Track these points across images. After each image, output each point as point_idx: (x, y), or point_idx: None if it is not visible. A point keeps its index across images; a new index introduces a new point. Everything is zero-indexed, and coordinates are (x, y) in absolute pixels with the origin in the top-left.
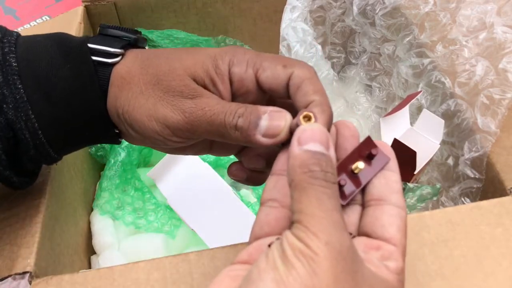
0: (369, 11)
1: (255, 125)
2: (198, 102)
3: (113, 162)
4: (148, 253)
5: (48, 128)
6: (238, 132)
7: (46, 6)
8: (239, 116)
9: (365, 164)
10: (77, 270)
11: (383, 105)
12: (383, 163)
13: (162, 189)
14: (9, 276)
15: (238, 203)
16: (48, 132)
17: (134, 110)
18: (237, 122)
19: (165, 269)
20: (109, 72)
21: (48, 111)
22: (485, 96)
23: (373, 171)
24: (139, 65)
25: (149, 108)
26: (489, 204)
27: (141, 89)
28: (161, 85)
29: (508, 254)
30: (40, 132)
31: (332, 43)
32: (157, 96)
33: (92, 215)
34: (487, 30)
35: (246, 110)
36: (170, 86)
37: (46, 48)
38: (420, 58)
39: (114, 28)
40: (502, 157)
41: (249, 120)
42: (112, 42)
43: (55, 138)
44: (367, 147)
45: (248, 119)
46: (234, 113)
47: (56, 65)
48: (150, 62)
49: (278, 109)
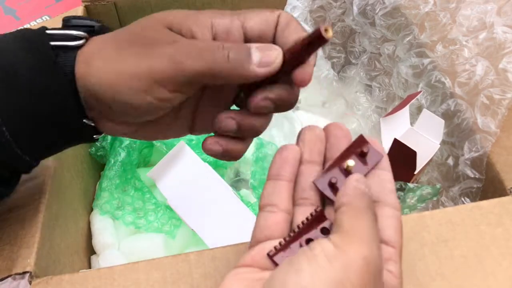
0: (369, 11)
1: (248, 55)
2: (182, 44)
3: (113, 162)
4: (148, 253)
5: (11, 121)
6: (231, 65)
7: (46, 6)
8: (228, 49)
9: (358, 162)
10: (77, 270)
11: (383, 105)
12: (376, 161)
13: (162, 189)
14: (9, 276)
15: (238, 203)
16: (12, 126)
17: (112, 77)
18: (228, 54)
19: (165, 269)
20: (73, 55)
21: (10, 103)
22: (485, 96)
23: (366, 169)
24: (108, 38)
25: (129, 67)
26: (489, 204)
27: (115, 53)
28: (138, 40)
29: (508, 254)
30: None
31: (332, 43)
32: (135, 52)
33: (92, 215)
34: (487, 30)
35: (234, 44)
36: (147, 37)
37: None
38: (420, 58)
39: (78, 19)
40: (502, 157)
41: (241, 51)
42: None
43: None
44: (360, 145)
45: (239, 50)
46: (223, 47)
47: (19, 56)
48: (120, 31)
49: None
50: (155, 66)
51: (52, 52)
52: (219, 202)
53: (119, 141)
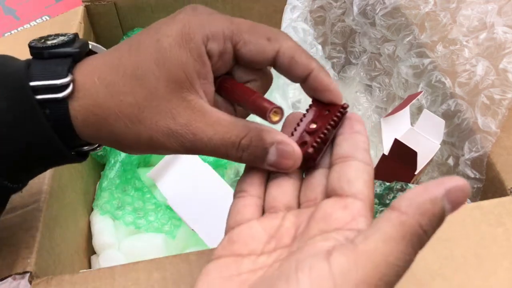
0: (369, 11)
1: (262, 160)
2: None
3: (113, 162)
4: (148, 253)
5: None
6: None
7: (46, 6)
8: (243, 150)
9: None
10: (77, 270)
11: (383, 105)
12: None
13: (162, 189)
14: (9, 276)
15: None
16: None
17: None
18: (241, 156)
19: (165, 269)
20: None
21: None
22: (486, 96)
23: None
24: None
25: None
26: (490, 204)
27: (125, 124)
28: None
29: (508, 254)
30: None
31: (332, 43)
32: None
33: (92, 215)
34: (488, 30)
35: (252, 142)
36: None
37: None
38: (420, 58)
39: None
40: (502, 157)
41: (255, 155)
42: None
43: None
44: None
45: (254, 153)
46: (238, 146)
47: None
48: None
49: (286, 142)
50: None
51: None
52: (219, 202)
53: None
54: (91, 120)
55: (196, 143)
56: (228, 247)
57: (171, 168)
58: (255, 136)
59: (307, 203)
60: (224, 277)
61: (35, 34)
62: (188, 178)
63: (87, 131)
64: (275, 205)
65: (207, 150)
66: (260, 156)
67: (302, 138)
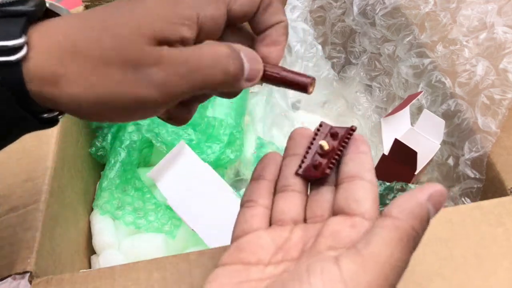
0: (369, 11)
1: (242, 69)
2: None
3: (113, 162)
4: (148, 253)
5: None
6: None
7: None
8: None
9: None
10: (77, 270)
11: (383, 105)
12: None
13: (162, 189)
14: (9, 276)
15: (238, 203)
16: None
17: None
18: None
19: (165, 269)
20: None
21: None
22: (486, 96)
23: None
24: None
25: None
26: (490, 204)
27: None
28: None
29: (508, 254)
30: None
31: (332, 43)
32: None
33: (92, 215)
34: (488, 30)
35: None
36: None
37: None
38: (420, 58)
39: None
40: (502, 157)
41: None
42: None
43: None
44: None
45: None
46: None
47: None
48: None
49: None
50: (142, 95)
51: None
52: (219, 202)
53: (119, 141)
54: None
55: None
56: (236, 254)
57: (171, 168)
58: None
59: (314, 219)
60: (234, 282)
61: None
62: (188, 178)
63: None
64: (283, 218)
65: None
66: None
67: (314, 161)
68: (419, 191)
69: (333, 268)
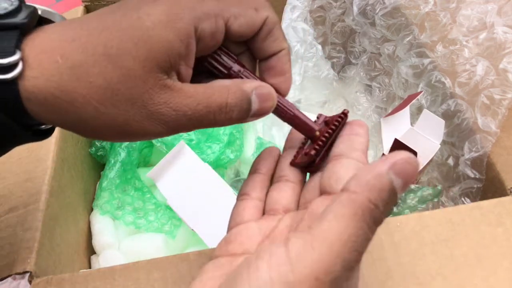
0: (369, 11)
1: (248, 112)
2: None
3: (113, 162)
4: (148, 253)
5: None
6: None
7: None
8: (232, 110)
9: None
10: (77, 270)
11: (383, 105)
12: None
13: (162, 189)
14: (9, 276)
15: None
16: None
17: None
18: (231, 116)
19: (165, 269)
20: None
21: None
22: (486, 96)
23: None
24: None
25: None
26: (490, 204)
27: (96, 108)
28: (122, 96)
29: (508, 254)
30: None
31: (332, 43)
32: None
33: (92, 215)
34: (488, 30)
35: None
36: (133, 95)
37: None
38: (420, 58)
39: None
40: (502, 157)
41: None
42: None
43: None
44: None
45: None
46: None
47: None
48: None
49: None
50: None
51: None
52: (219, 202)
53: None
54: (51, 104)
55: (179, 120)
56: (225, 247)
57: (171, 168)
58: (238, 92)
59: (305, 205)
60: (216, 276)
61: None
62: (188, 178)
63: (46, 115)
64: (275, 207)
65: (193, 124)
66: (246, 108)
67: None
68: (380, 161)
69: (281, 249)
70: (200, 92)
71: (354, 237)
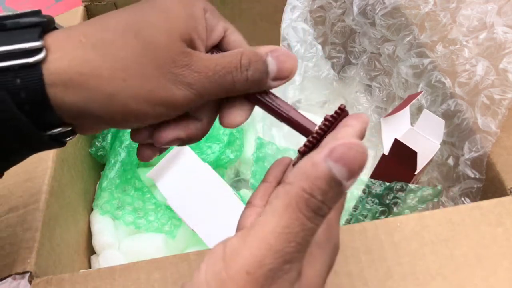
0: (369, 11)
1: (266, 73)
2: (198, 67)
3: (113, 162)
4: (148, 253)
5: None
6: (249, 84)
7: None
8: (246, 69)
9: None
10: (77, 270)
11: (383, 105)
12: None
13: (162, 189)
14: (9, 276)
15: (238, 203)
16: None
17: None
18: (247, 75)
19: (165, 269)
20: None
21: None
22: (486, 96)
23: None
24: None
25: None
26: (489, 204)
27: (123, 78)
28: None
29: (508, 254)
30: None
31: (332, 43)
32: (149, 79)
33: (92, 215)
34: (488, 30)
35: (251, 59)
36: (158, 62)
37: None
38: (420, 58)
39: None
40: (502, 157)
41: (258, 69)
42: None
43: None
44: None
45: (257, 68)
46: (240, 67)
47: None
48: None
49: (276, 48)
50: (178, 95)
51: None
52: (219, 202)
53: (119, 141)
54: (77, 83)
55: (202, 82)
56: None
57: (171, 168)
58: (250, 53)
59: None
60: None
61: None
62: (188, 178)
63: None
64: None
65: (214, 87)
66: (262, 69)
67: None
68: (318, 150)
69: (219, 248)
70: (217, 57)
71: (288, 228)
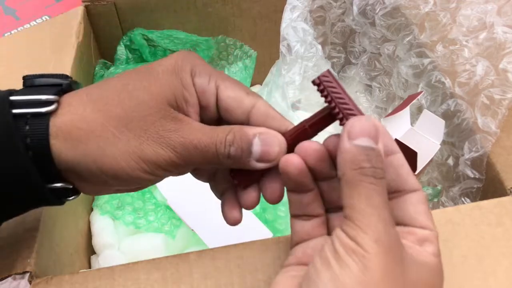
0: (369, 11)
1: (248, 153)
2: (185, 134)
3: None
4: (148, 253)
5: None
6: (231, 160)
7: (46, 6)
8: (230, 145)
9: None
10: (77, 270)
11: (383, 105)
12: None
13: (162, 189)
14: (9, 276)
15: None
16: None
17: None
18: (229, 152)
19: (165, 269)
20: (44, 124)
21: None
22: (485, 96)
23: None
24: (93, 109)
25: (133, 152)
26: (489, 204)
27: (113, 134)
28: (136, 123)
29: (508, 254)
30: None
31: (332, 43)
32: (136, 136)
33: (92, 215)
34: (487, 30)
35: (235, 136)
36: (146, 122)
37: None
38: (420, 58)
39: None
40: (502, 157)
41: (241, 148)
42: (41, 90)
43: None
44: None
45: (240, 146)
46: (224, 142)
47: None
48: (107, 102)
49: (267, 131)
50: (162, 155)
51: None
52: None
53: None
54: (74, 137)
55: (187, 147)
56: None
57: None
58: (238, 130)
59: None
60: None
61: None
62: (188, 178)
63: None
64: None
65: (198, 155)
66: (245, 148)
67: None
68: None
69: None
70: (206, 127)
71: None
